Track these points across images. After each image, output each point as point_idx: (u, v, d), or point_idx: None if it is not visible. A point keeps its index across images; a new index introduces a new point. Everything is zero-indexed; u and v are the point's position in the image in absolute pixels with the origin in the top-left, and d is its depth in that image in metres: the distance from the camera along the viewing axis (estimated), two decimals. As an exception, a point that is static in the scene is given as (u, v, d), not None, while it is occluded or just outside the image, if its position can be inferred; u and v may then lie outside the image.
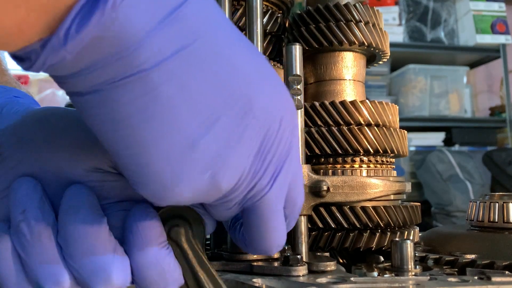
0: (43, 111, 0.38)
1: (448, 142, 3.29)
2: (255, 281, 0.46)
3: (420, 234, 0.65)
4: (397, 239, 0.51)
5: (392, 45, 0.78)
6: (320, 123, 0.58)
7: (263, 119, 0.32)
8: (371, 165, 0.58)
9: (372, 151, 0.57)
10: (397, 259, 0.51)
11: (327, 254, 0.55)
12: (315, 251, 0.56)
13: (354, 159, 0.58)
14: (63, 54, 0.26)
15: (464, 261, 0.54)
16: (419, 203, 0.64)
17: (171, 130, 0.29)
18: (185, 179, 0.30)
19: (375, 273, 0.55)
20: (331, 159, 0.58)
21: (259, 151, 0.33)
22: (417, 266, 0.51)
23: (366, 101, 0.58)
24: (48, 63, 0.27)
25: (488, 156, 2.91)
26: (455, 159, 2.95)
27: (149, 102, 0.28)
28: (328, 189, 0.54)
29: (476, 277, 0.46)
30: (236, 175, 0.32)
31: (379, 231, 0.56)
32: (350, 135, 0.57)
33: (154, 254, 0.34)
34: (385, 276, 0.50)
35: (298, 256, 0.47)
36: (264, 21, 0.62)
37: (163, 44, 0.27)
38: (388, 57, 0.67)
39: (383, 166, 0.60)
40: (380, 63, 0.69)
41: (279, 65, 0.66)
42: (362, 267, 0.58)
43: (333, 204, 0.56)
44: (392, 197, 0.59)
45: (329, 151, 0.57)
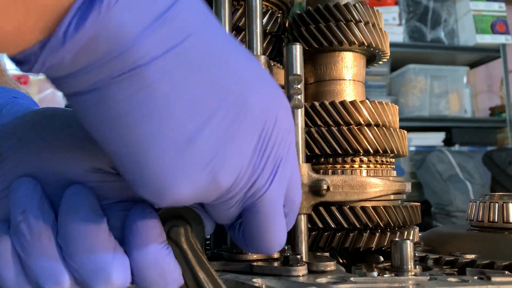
0: (43, 112, 0.38)
1: (448, 142, 3.29)
2: (255, 281, 0.46)
3: (420, 234, 0.65)
4: (397, 239, 0.51)
5: (392, 45, 0.78)
6: (320, 123, 0.58)
7: (258, 115, 0.32)
8: (371, 165, 0.58)
9: (372, 151, 0.57)
10: (397, 259, 0.51)
11: (327, 254, 0.55)
12: (315, 251, 0.56)
13: (354, 159, 0.58)
14: (62, 54, 0.27)
15: (464, 261, 0.54)
16: (419, 203, 0.64)
17: (167, 126, 0.29)
18: (185, 177, 0.30)
19: (375, 273, 0.54)
20: (331, 159, 0.58)
21: (256, 148, 0.33)
22: (417, 266, 0.51)
23: (366, 101, 0.58)
24: (47, 64, 0.27)
25: (488, 156, 2.91)
26: (455, 159, 2.95)
27: (145, 98, 0.29)
28: (328, 188, 0.54)
29: (476, 277, 0.46)
30: (235, 172, 0.32)
31: (379, 231, 0.56)
32: (350, 135, 0.57)
33: (154, 254, 0.34)
34: (385, 276, 0.50)
35: (298, 256, 0.47)
36: (264, 21, 0.62)
37: (156, 42, 0.28)
38: (388, 57, 0.67)
39: (383, 166, 0.60)
40: (380, 63, 0.69)
41: (279, 65, 0.66)
42: (362, 267, 0.58)
43: (333, 203, 0.56)
44: (392, 197, 0.59)
45: (329, 151, 0.57)
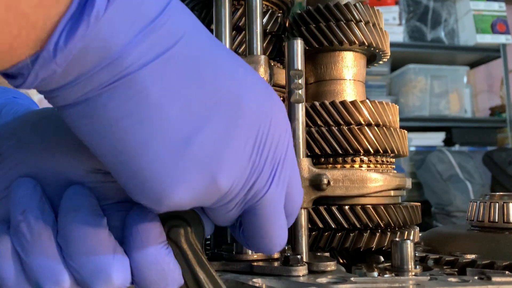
0: (43, 112, 0.38)
1: (448, 142, 3.29)
2: (255, 281, 0.46)
3: (420, 234, 0.65)
4: (397, 239, 0.51)
5: (392, 45, 0.78)
6: (320, 123, 0.58)
7: (254, 116, 0.33)
8: (371, 165, 0.58)
9: (372, 151, 0.57)
10: (397, 259, 0.51)
11: (327, 254, 0.55)
12: (315, 251, 0.56)
13: (354, 159, 0.58)
14: (53, 67, 0.27)
15: (464, 261, 0.54)
16: (419, 203, 0.64)
17: (161, 131, 0.29)
18: (182, 181, 0.30)
19: (375, 273, 0.55)
20: (331, 159, 0.58)
21: (254, 148, 0.33)
22: (417, 266, 0.51)
23: (366, 101, 0.58)
24: (40, 76, 0.27)
25: (488, 156, 2.91)
26: (455, 159, 2.95)
27: (137, 104, 0.29)
28: (328, 182, 0.54)
29: (476, 277, 0.46)
30: (234, 173, 0.32)
31: (379, 231, 0.56)
32: (350, 135, 0.57)
33: (153, 254, 0.34)
34: (385, 276, 0.50)
35: (298, 256, 0.47)
36: (264, 21, 0.62)
37: (146, 49, 0.28)
38: (388, 57, 0.67)
39: (383, 166, 0.60)
40: (380, 63, 0.69)
41: (279, 65, 0.66)
42: (362, 267, 0.58)
43: (333, 200, 0.56)
44: (392, 193, 0.59)
45: (329, 151, 0.57)
